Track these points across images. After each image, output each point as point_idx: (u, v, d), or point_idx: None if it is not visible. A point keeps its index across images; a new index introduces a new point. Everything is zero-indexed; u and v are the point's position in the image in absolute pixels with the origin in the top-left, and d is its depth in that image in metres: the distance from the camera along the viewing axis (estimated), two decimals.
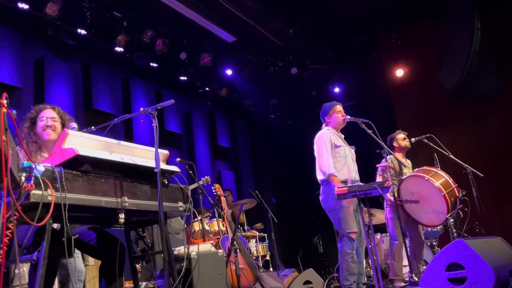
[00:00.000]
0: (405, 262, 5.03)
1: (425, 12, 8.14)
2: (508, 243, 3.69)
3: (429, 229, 5.96)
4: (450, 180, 4.54)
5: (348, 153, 4.63)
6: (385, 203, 5.11)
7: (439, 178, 4.52)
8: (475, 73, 7.48)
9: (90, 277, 4.32)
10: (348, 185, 4.25)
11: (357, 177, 4.60)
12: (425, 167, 4.76)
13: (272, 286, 4.70)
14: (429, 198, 4.55)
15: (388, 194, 4.79)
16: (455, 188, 4.51)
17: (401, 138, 5.28)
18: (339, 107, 4.75)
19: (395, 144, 5.28)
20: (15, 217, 1.91)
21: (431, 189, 4.49)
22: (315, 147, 4.62)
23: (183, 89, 8.91)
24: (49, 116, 3.01)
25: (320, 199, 4.57)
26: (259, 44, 8.45)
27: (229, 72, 8.79)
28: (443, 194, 4.36)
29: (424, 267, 4.91)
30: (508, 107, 7.70)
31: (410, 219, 4.86)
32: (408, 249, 4.71)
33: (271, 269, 6.80)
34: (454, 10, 7.62)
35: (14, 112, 1.94)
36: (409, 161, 5.39)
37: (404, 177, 4.80)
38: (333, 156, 4.49)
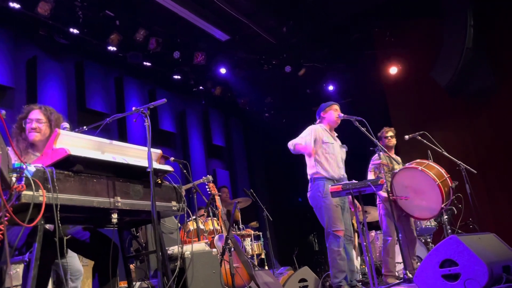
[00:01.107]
0: (399, 258, 5.05)
1: (419, 9, 8.15)
2: (501, 239, 3.70)
3: (424, 225, 5.98)
4: (443, 171, 4.57)
5: (337, 151, 4.67)
6: (377, 200, 5.13)
7: (432, 169, 4.54)
8: (469, 70, 7.50)
9: (84, 277, 4.31)
10: (334, 182, 4.29)
11: (344, 175, 4.66)
12: (417, 160, 4.78)
13: (265, 281, 4.70)
14: (423, 189, 4.56)
15: (381, 191, 4.81)
16: (447, 178, 4.53)
17: (386, 136, 5.31)
18: (336, 106, 4.88)
19: (380, 142, 5.30)
20: (6, 218, 1.89)
21: (425, 180, 4.50)
22: None
23: (177, 88, 8.88)
24: (34, 118, 2.99)
25: (308, 196, 4.63)
26: (253, 42, 8.43)
27: (223, 70, 8.77)
28: (437, 183, 4.37)
29: (418, 263, 4.94)
30: (501, 104, 7.72)
31: (404, 215, 4.88)
32: (402, 245, 4.74)
33: (266, 267, 6.80)
34: (447, 8, 7.64)
35: (4, 112, 1.93)
36: (398, 158, 5.40)
37: (396, 170, 4.81)
38: (317, 152, 4.60)
